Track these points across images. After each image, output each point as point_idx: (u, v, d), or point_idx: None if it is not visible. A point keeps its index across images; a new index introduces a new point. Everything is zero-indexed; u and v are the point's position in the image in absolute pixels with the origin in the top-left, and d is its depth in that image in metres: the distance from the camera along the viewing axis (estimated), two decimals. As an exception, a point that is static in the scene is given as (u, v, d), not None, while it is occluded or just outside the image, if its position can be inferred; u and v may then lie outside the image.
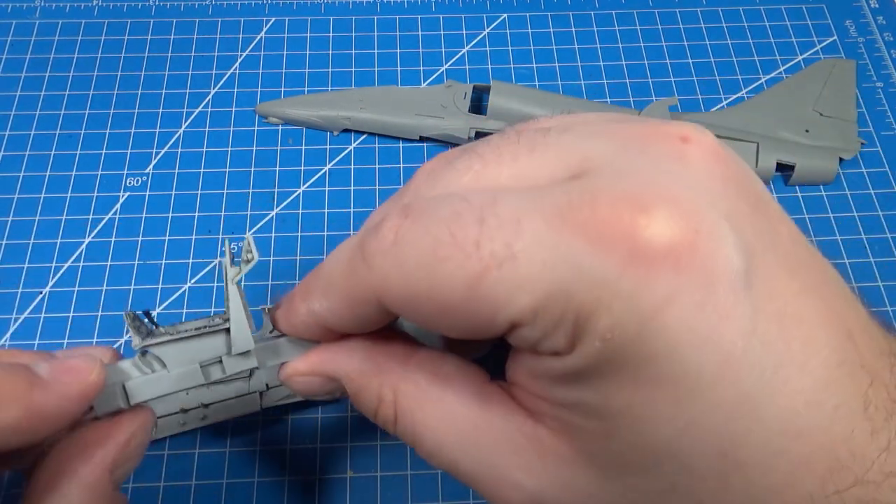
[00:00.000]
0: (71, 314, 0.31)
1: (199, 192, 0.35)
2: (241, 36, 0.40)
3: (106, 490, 0.19)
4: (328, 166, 0.36)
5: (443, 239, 0.15)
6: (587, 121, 0.18)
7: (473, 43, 0.40)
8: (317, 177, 0.35)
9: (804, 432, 0.15)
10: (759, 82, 0.39)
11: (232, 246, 0.20)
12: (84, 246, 0.33)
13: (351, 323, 0.19)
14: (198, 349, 0.21)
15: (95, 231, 0.33)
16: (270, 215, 0.34)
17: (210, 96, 0.38)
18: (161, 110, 0.37)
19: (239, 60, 0.39)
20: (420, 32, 0.40)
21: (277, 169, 0.35)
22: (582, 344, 0.15)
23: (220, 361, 0.21)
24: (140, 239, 0.33)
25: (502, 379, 0.19)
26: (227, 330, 0.21)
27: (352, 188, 0.35)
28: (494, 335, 0.16)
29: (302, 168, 0.36)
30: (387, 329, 0.20)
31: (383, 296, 0.17)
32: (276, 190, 0.35)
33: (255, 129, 0.37)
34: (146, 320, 0.21)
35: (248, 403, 0.26)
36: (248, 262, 0.20)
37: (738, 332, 0.14)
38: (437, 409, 0.18)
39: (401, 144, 0.36)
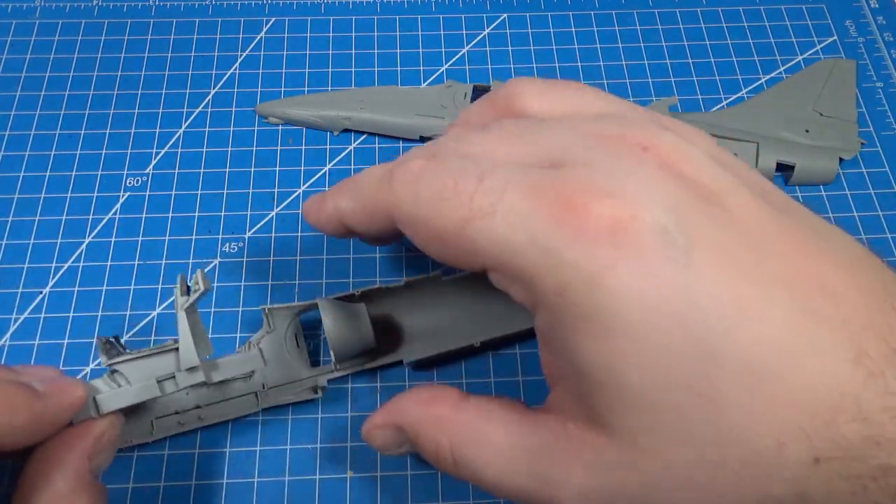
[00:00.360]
0: (71, 314, 0.31)
1: (199, 192, 0.35)
2: (241, 36, 0.40)
3: (86, 475, 0.22)
4: (328, 166, 0.36)
5: (449, 185, 0.20)
6: (575, 115, 0.22)
7: (473, 43, 0.40)
8: (317, 177, 0.35)
9: (774, 374, 0.17)
10: (759, 82, 0.39)
11: (192, 276, 0.25)
12: (84, 246, 0.33)
13: (365, 225, 0.23)
14: (155, 366, 0.25)
15: (95, 231, 0.33)
16: (270, 215, 0.34)
17: (210, 96, 0.38)
18: (161, 110, 0.37)
19: (239, 60, 0.39)
20: (420, 32, 0.40)
21: (277, 169, 0.35)
22: (542, 300, 0.19)
23: (173, 376, 0.25)
24: (140, 239, 0.33)
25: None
26: (177, 349, 0.25)
27: (352, 188, 0.35)
28: (472, 269, 0.20)
29: (302, 168, 0.36)
30: (442, 385, 0.24)
31: (396, 212, 0.21)
32: (276, 190, 0.35)
33: (255, 129, 0.37)
34: (116, 344, 0.25)
35: (245, 404, 0.27)
36: (196, 291, 0.24)
37: (678, 293, 0.17)
38: (487, 444, 0.21)
39: (401, 144, 0.36)
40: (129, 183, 0.35)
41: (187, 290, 0.25)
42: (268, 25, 0.40)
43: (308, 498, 0.27)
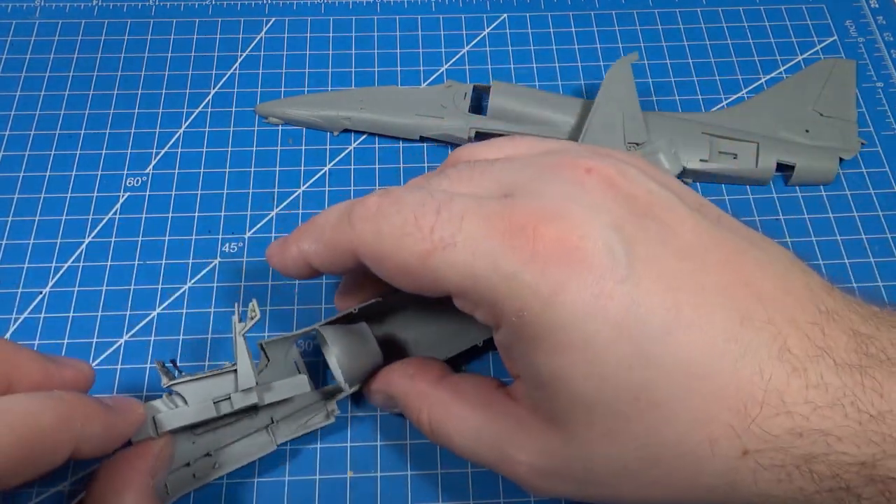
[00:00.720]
0: (71, 314, 0.31)
1: (199, 192, 0.35)
2: (241, 36, 0.40)
3: (149, 489, 0.24)
4: (328, 166, 0.36)
5: (409, 220, 0.21)
6: (522, 156, 0.24)
7: (473, 43, 0.40)
8: (317, 177, 0.35)
9: (707, 375, 0.18)
10: (759, 82, 0.39)
11: (246, 307, 0.26)
12: (84, 246, 0.33)
13: (329, 264, 0.24)
14: (212, 387, 0.25)
15: (95, 231, 0.33)
16: (270, 215, 0.34)
17: (210, 96, 0.38)
18: (161, 110, 0.37)
19: (239, 60, 0.39)
20: (420, 32, 0.40)
21: (277, 169, 0.35)
22: (504, 320, 0.20)
23: (229, 397, 0.25)
24: (140, 239, 0.33)
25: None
26: (235, 371, 0.25)
27: (352, 188, 0.35)
28: (437, 296, 0.21)
29: (302, 168, 0.36)
30: (429, 358, 0.27)
31: (358, 249, 0.22)
32: (276, 190, 0.35)
33: (255, 129, 0.37)
34: (172, 368, 0.26)
35: (260, 444, 0.27)
36: (252, 318, 0.25)
37: (622, 305, 0.19)
38: (458, 421, 0.24)
39: (401, 144, 0.36)
40: (129, 183, 0.35)
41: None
42: (268, 25, 0.40)
43: (308, 498, 0.27)
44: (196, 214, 0.34)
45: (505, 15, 0.41)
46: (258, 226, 0.34)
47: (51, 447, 0.20)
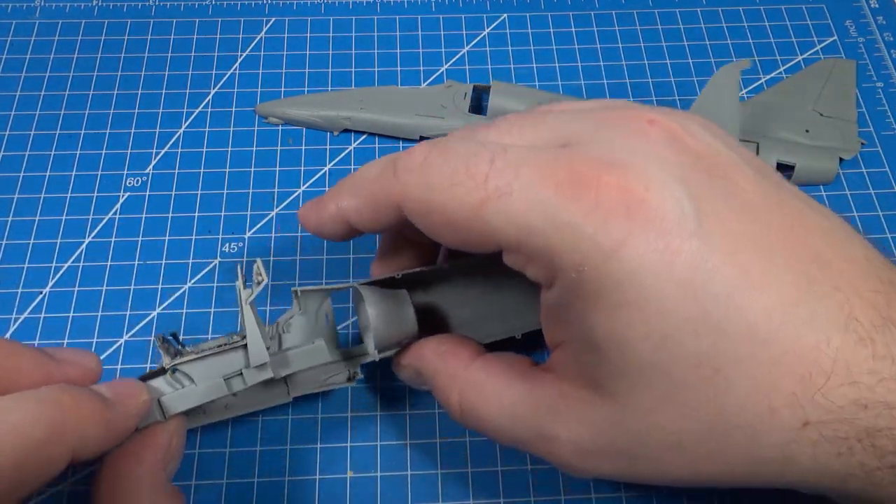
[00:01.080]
0: (71, 314, 0.31)
1: (199, 192, 0.35)
2: (241, 36, 0.40)
3: (162, 484, 0.22)
4: (328, 166, 0.36)
5: (460, 169, 0.20)
6: (579, 108, 0.23)
7: (473, 43, 0.40)
8: (317, 177, 0.35)
9: (771, 340, 0.17)
10: (759, 82, 0.39)
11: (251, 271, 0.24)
12: (84, 246, 0.33)
13: (370, 220, 0.23)
14: (220, 364, 0.24)
15: (95, 231, 0.33)
16: (270, 215, 0.34)
17: (210, 96, 0.38)
18: (161, 110, 0.37)
19: (239, 60, 0.39)
20: (420, 32, 0.40)
21: (277, 169, 0.35)
22: (560, 276, 0.19)
23: (241, 374, 0.24)
24: (140, 239, 0.33)
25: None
26: (245, 346, 0.23)
27: (352, 188, 0.35)
28: (486, 251, 0.20)
29: (302, 168, 0.36)
30: (463, 336, 0.25)
31: (403, 202, 0.21)
32: (276, 190, 0.35)
33: (255, 129, 0.37)
34: (174, 342, 0.24)
35: (275, 394, 0.26)
36: (258, 283, 0.23)
37: (689, 262, 0.17)
38: (492, 400, 0.22)
39: (401, 144, 0.36)
40: (129, 183, 0.35)
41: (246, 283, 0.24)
42: (268, 25, 0.40)
43: (308, 498, 0.27)
44: (196, 214, 0.34)
45: (505, 15, 0.41)
46: (258, 226, 0.34)
47: (45, 461, 0.18)
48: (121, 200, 0.34)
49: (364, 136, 0.37)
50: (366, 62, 0.39)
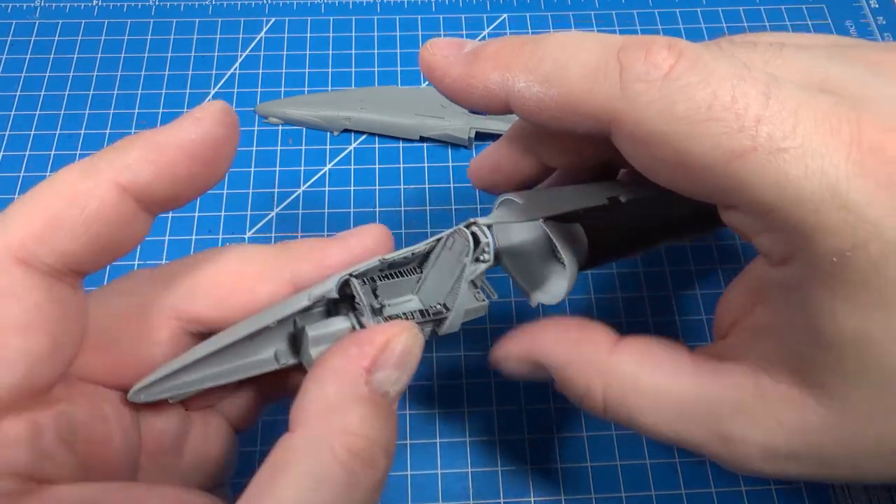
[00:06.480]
0: (71, 314, 0.31)
1: (199, 192, 0.35)
2: (241, 36, 0.40)
3: (360, 388, 0.18)
4: (328, 166, 0.36)
5: (723, 98, 0.15)
6: (816, 43, 0.18)
7: (473, 43, 0.40)
8: (317, 177, 0.35)
9: None
10: (759, 82, 0.39)
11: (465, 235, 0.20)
12: (84, 246, 0.33)
13: (550, 119, 0.18)
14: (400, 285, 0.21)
15: (95, 231, 0.33)
16: (270, 215, 0.34)
17: (210, 96, 0.38)
18: (161, 110, 0.37)
19: (239, 60, 0.39)
20: (420, 32, 0.40)
21: (277, 169, 0.35)
22: (810, 257, 0.15)
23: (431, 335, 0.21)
24: (140, 239, 0.33)
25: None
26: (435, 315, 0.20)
27: (352, 188, 0.35)
28: (713, 202, 0.16)
29: (302, 168, 0.36)
30: (587, 319, 0.21)
31: (621, 123, 0.16)
32: (276, 190, 0.35)
33: (255, 129, 0.37)
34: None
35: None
36: (485, 261, 0.20)
37: None
38: (649, 391, 0.19)
39: (401, 144, 0.36)
40: (129, 183, 0.35)
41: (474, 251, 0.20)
42: (268, 25, 0.40)
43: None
44: (196, 214, 0.34)
45: (505, 15, 0.41)
46: (258, 226, 0.34)
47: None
48: (121, 200, 0.34)
49: (364, 136, 0.37)
50: (366, 62, 0.39)
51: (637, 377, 0.19)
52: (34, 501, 0.15)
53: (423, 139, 0.36)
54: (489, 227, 0.20)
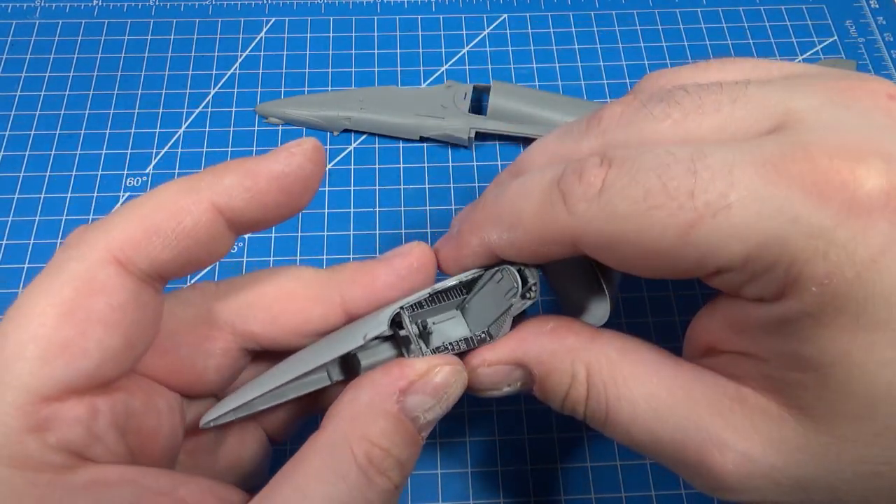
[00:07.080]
0: (71, 314, 0.31)
1: (199, 192, 0.35)
2: (241, 36, 0.40)
3: (391, 404, 0.19)
4: (328, 166, 0.36)
5: (654, 188, 0.16)
6: (785, 74, 0.19)
7: (473, 43, 0.40)
8: (317, 177, 0.35)
9: None
10: (759, 82, 0.39)
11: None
12: (84, 246, 0.33)
13: (530, 255, 0.19)
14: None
15: (95, 231, 0.33)
16: (270, 215, 0.34)
17: (210, 96, 0.38)
18: (161, 110, 0.37)
19: (239, 60, 0.39)
20: (420, 32, 0.40)
21: (277, 169, 0.35)
22: (796, 290, 0.15)
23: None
24: (140, 239, 0.33)
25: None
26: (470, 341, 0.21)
27: (352, 188, 0.35)
28: (694, 276, 0.17)
29: (302, 168, 0.35)
30: (562, 316, 0.21)
31: (581, 239, 0.17)
32: (276, 190, 0.35)
33: (255, 129, 0.37)
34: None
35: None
36: (530, 298, 0.20)
37: None
38: (629, 380, 0.19)
39: (401, 144, 0.36)
40: (129, 183, 0.35)
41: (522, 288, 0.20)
42: (268, 25, 0.40)
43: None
44: (196, 214, 0.34)
45: (505, 15, 0.41)
46: (258, 226, 0.34)
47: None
48: (121, 201, 0.34)
49: (364, 136, 0.37)
50: (366, 62, 0.39)
51: (619, 365, 0.19)
52: (80, 475, 0.16)
53: (423, 139, 0.36)
54: (537, 267, 0.21)
